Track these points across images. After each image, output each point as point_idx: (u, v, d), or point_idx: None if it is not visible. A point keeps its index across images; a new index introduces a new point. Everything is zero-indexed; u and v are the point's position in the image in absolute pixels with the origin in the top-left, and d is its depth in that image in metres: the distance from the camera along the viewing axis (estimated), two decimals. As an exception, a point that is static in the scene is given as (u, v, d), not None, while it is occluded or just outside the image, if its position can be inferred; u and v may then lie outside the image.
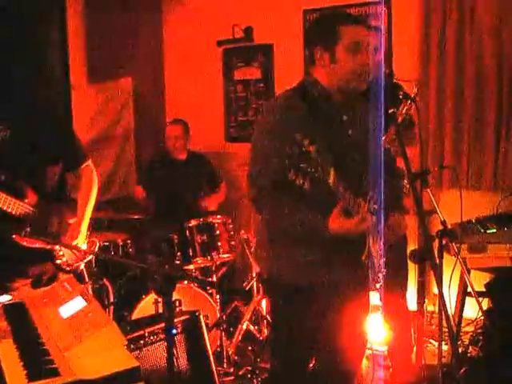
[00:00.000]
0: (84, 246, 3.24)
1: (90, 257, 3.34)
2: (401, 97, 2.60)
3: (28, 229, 2.96)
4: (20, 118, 2.99)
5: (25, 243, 2.94)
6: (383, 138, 3.49)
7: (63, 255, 3.10)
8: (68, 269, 3.13)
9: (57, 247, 3.07)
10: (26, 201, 2.96)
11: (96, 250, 3.33)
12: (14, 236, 2.93)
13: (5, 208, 2.88)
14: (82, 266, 3.27)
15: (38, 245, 2.98)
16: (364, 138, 2.53)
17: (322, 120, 2.39)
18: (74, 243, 3.12)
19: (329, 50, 2.40)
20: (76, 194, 3.26)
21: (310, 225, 2.34)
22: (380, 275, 2.51)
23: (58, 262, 3.10)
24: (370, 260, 2.46)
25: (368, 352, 4.02)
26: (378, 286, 2.49)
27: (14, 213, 2.91)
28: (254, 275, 4.33)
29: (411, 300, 3.82)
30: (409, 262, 3.60)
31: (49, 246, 3.04)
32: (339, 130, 2.47)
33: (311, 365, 2.68)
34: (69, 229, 3.13)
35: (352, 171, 2.37)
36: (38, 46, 4.29)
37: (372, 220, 2.38)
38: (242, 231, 4.39)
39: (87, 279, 3.54)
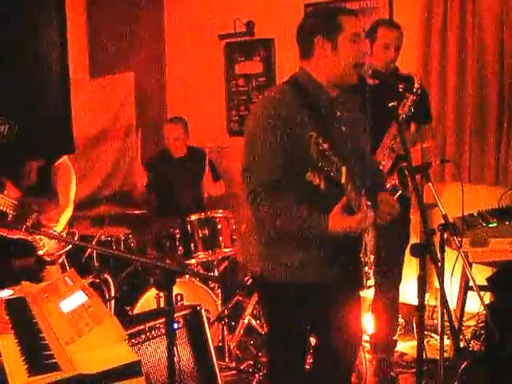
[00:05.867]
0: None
1: (70, 246, 3.34)
2: (400, 90, 2.53)
3: (30, 221, 2.99)
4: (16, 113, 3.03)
5: (5, 234, 2.97)
6: (386, 136, 3.49)
7: (43, 246, 3.13)
8: (49, 259, 3.15)
9: (37, 238, 3.09)
10: (5, 193, 3.00)
11: (76, 240, 3.36)
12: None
13: None
14: (63, 257, 3.28)
15: (18, 236, 3.00)
16: (356, 136, 2.52)
17: (318, 114, 2.36)
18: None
19: (331, 39, 2.37)
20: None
21: (311, 223, 2.26)
22: (371, 272, 2.48)
23: (40, 252, 3.12)
24: (366, 257, 2.44)
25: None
26: (369, 283, 2.46)
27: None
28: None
29: (412, 294, 3.82)
30: (406, 252, 3.57)
31: (29, 238, 3.07)
32: (334, 125, 2.44)
33: (308, 365, 2.67)
34: (47, 216, 3.16)
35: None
36: (37, 40, 4.27)
37: (373, 216, 2.35)
38: (244, 225, 4.38)
39: (68, 269, 3.55)
